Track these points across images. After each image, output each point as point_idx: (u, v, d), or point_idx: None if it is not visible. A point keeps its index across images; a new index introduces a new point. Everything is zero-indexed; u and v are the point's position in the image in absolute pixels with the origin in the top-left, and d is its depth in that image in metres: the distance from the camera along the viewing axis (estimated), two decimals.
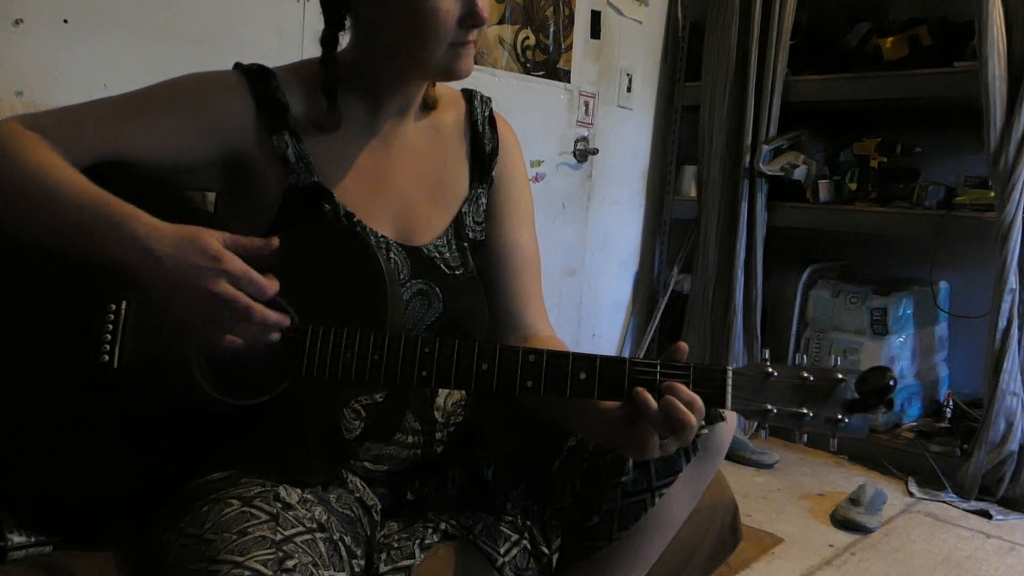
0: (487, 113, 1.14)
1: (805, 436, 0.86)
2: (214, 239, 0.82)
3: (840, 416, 0.84)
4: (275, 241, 0.86)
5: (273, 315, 0.83)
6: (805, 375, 0.85)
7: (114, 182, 0.93)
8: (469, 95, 1.15)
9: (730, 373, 0.85)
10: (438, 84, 1.10)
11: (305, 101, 1.00)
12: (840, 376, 0.84)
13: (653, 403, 0.83)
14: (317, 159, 1.00)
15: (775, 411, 0.85)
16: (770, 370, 0.85)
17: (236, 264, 0.82)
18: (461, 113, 1.13)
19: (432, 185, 1.08)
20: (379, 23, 0.96)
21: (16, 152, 0.87)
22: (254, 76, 0.99)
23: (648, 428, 0.84)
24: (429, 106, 1.09)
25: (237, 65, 1.01)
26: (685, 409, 0.82)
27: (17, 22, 1.50)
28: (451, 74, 0.98)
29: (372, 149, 1.04)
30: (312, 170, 0.99)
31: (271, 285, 0.83)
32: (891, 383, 0.81)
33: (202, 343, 0.87)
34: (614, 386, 0.85)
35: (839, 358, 0.88)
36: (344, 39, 1.03)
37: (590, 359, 0.86)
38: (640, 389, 0.84)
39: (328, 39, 1.00)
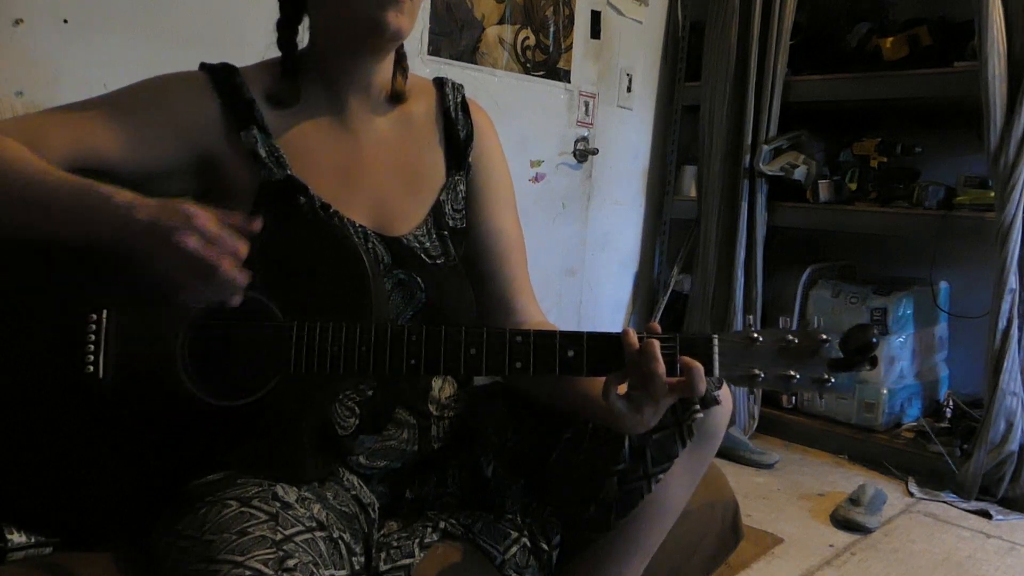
0: (459, 99, 1.13)
1: (794, 398, 0.87)
2: (192, 204, 0.82)
3: (826, 376, 0.85)
4: (258, 223, 0.85)
5: (241, 276, 0.82)
6: (789, 337, 0.86)
7: None
8: (440, 83, 1.14)
9: (716, 340, 0.86)
10: (409, 76, 1.09)
11: (269, 92, 1.01)
12: (824, 336, 0.85)
13: (636, 342, 0.85)
14: (288, 154, 0.99)
15: (762, 375, 0.86)
16: (755, 335, 0.86)
17: (208, 223, 0.81)
18: (432, 102, 1.12)
19: (407, 175, 1.07)
20: None
21: None
22: (218, 73, 0.99)
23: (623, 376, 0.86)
24: (397, 98, 1.08)
25: (203, 64, 1.02)
26: (659, 353, 0.84)
27: (17, 22, 1.50)
28: (379, 25, 0.94)
29: (342, 142, 1.03)
30: (284, 164, 0.99)
31: (243, 246, 0.82)
32: (874, 340, 0.83)
33: (184, 313, 0.87)
34: (603, 361, 0.86)
35: (822, 320, 0.89)
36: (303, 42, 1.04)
37: (577, 336, 0.87)
38: (628, 329, 0.86)
39: (283, 23, 1.03)
